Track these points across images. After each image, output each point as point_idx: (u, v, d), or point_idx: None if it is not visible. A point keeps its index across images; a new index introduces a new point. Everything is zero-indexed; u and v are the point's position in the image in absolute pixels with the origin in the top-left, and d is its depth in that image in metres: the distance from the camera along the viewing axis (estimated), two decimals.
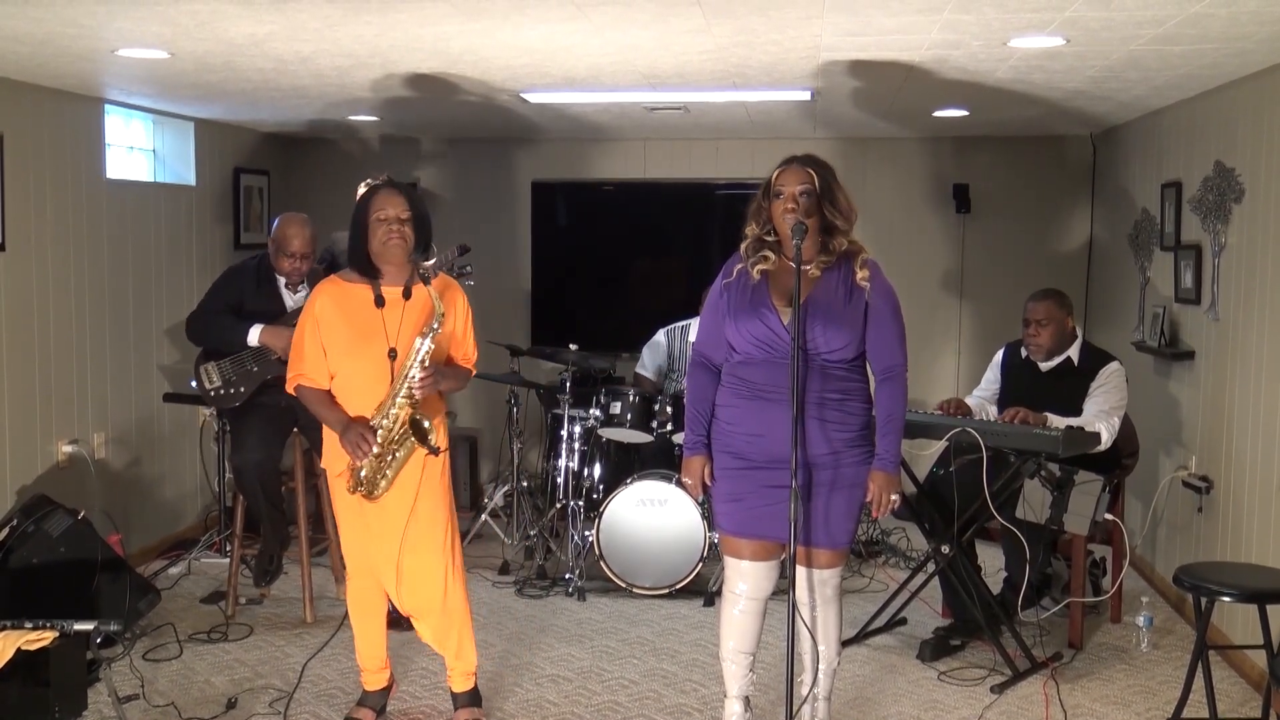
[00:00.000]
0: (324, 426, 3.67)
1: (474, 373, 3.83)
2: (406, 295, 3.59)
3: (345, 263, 5.76)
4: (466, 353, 3.78)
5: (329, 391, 3.65)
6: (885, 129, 6.47)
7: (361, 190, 3.64)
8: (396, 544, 3.65)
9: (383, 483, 3.58)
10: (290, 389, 3.72)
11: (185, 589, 5.38)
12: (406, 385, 3.52)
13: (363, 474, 3.56)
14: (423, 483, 3.64)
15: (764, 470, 3.43)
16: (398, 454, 3.57)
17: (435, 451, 3.56)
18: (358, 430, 3.53)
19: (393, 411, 3.53)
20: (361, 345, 3.57)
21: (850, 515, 3.50)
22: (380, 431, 3.53)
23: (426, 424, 3.52)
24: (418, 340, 3.52)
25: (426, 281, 3.59)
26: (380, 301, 3.56)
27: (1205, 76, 4.56)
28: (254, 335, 4.75)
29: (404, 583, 3.70)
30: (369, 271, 3.61)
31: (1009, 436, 4.38)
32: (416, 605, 3.75)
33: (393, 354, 3.55)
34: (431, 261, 3.74)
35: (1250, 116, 4.49)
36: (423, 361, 3.51)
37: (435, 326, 3.51)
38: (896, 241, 6.93)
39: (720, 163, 7.14)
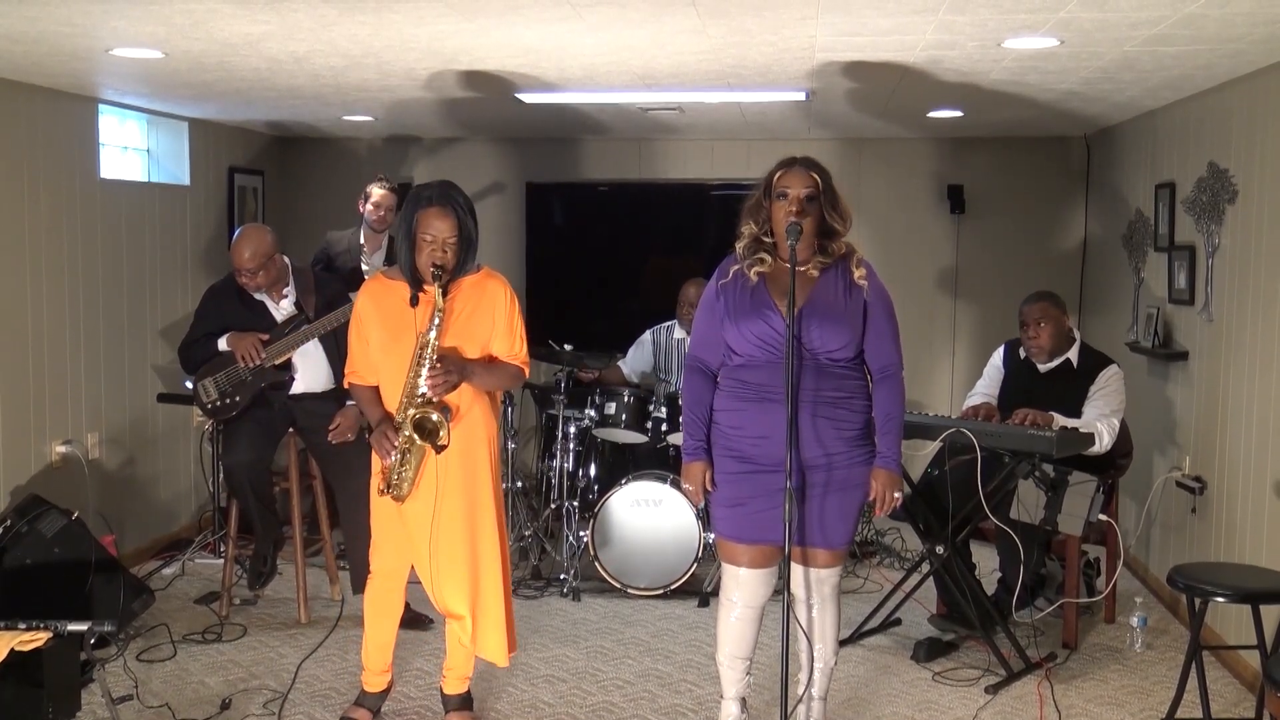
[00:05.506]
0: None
1: (525, 370, 3.74)
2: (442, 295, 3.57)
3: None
4: (512, 348, 3.67)
5: (375, 388, 3.66)
6: (880, 129, 6.47)
7: (405, 201, 3.61)
8: (426, 547, 3.63)
9: (405, 485, 3.57)
10: (346, 385, 3.82)
11: (179, 589, 5.37)
12: (420, 384, 3.50)
13: (392, 476, 3.57)
14: (441, 485, 3.59)
15: (769, 474, 3.39)
16: (409, 454, 3.55)
17: (438, 449, 3.53)
18: (382, 430, 3.56)
19: (410, 411, 3.52)
20: (394, 343, 3.57)
21: (849, 515, 3.49)
22: (402, 431, 3.53)
23: (435, 418, 3.49)
24: (421, 337, 3.51)
25: (436, 279, 3.48)
26: (415, 300, 3.54)
27: (1199, 77, 4.57)
28: (222, 342, 4.76)
29: (436, 586, 3.67)
30: (412, 275, 3.58)
31: (1003, 437, 4.38)
32: (448, 608, 3.71)
33: None
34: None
35: (1244, 117, 4.50)
36: (431, 359, 3.49)
37: (435, 321, 3.49)
38: (892, 242, 6.94)
39: (715, 163, 7.14)
